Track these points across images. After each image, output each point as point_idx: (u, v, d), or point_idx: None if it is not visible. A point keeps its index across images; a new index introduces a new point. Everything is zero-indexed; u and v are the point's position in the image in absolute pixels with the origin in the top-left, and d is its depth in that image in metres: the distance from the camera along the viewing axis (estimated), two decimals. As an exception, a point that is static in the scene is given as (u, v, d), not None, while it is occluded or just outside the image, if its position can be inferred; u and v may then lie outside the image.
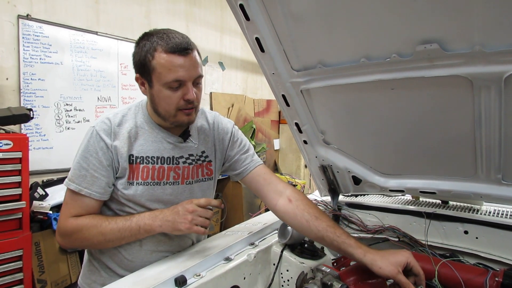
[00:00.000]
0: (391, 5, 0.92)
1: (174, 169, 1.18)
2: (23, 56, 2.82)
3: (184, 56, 1.05)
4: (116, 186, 1.12)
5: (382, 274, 0.95)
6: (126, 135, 1.12)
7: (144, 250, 1.17)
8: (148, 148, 1.14)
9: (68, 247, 1.29)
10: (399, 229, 1.40)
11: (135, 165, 1.12)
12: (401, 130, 1.26)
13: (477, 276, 0.95)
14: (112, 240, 1.09)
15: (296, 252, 1.27)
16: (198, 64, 1.09)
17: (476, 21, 0.86)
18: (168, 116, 1.11)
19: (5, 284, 2.07)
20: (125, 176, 1.11)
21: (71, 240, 1.12)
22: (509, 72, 0.92)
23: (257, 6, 1.07)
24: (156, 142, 1.16)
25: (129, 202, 1.14)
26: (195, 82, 1.10)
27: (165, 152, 1.17)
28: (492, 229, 1.28)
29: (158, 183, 1.15)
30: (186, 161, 1.20)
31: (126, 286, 0.96)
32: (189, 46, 1.08)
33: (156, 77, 1.06)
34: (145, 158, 1.13)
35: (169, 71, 1.04)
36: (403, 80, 1.07)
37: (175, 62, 1.04)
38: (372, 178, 1.46)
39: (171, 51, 1.04)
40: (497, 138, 1.09)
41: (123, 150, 1.10)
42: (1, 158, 2.02)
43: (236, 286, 1.13)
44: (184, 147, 1.20)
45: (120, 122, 1.14)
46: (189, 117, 1.12)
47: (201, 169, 1.25)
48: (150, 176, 1.14)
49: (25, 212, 2.15)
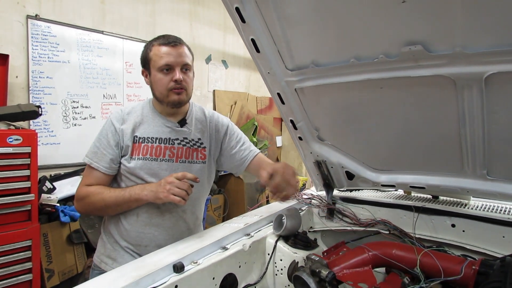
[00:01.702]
0: (378, 8, 0.98)
1: (170, 148, 1.41)
2: (31, 55, 2.91)
3: (172, 47, 1.35)
4: (122, 162, 1.38)
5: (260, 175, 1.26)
6: (133, 121, 1.40)
7: (140, 221, 1.39)
8: (149, 131, 1.40)
9: (82, 212, 1.59)
10: (390, 222, 1.46)
11: (138, 144, 1.38)
12: (391, 127, 1.32)
13: (456, 264, 1.01)
14: (110, 207, 1.34)
15: (290, 243, 1.33)
16: (185, 55, 1.38)
17: (457, 24, 0.92)
18: (163, 97, 1.38)
19: (15, 272, 2.16)
20: (128, 153, 1.37)
21: (82, 204, 1.38)
22: (489, 72, 0.97)
23: (252, 9, 1.13)
24: (157, 126, 1.42)
25: (132, 176, 1.38)
26: (183, 69, 1.37)
27: (163, 134, 1.41)
28: (478, 222, 1.33)
29: (155, 159, 1.39)
30: (181, 142, 1.43)
31: (128, 271, 1.02)
32: (178, 41, 1.38)
33: (152, 65, 1.37)
34: (146, 138, 1.39)
35: (161, 58, 1.34)
36: (391, 79, 1.13)
37: (165, 51, 1.34)
38: (365, 173, 1.52)
39: (162, 44, 1.36)
40: (481, 135, 1.14)
41: (128, 131, 1.38)
42: (11, 153, 2.10)
43: (231, 273, 1.19)
44: (180, 131, 1.44)
45: (129, 112, 1.43)
46: (179, 96, 1.37)
47: (196, 152, 1.46)
48: (149, 152, 1.38)
49: (33, 205, 2.24)
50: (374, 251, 1.14)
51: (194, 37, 4.55)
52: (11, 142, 2.10)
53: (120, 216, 1.40)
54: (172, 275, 1.01)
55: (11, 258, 2.15)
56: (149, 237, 1.40)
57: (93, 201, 1.34)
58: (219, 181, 4.38)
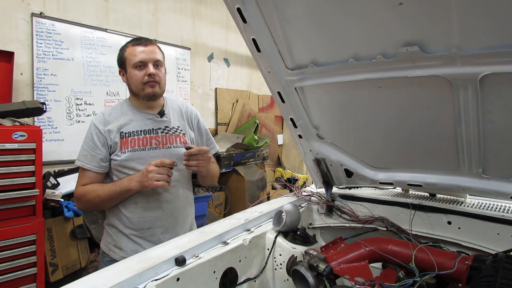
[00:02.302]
0: (375, 10, 1.01)
1: (155, 137, 1.56)
2: (36, 52, 2.95)
3: (144, 46, 1.52)
4: (112, 158, 1.51)
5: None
6: (115, 121, 1.53)
7: (139, 207, 1.52)
8: (133, 125, 1.54)
9: (83, 209, 1.68)
10: (388, 219, 1.48)
11: (125, 139, 1.52)
12: (389, 126, 1.35)
13: (450, 259, 1.04)
14: (105, 201, 1.48)
15: (289, 238, 1.36)
16: (156, 52, 1.54)
17: (452, 26, 0.94)
18: (138, 91, 1.53)
19: (20, 266, 2.20)
20: (117, 149, 1.50)
21: (81, 203, 1.52)
22: (483, 73, 1.00)
23: (253, 10, 1.16)
24: (139, 120, 1.56)
25: (123, 168, 1.51)
26: (155, 65, 1.52)
27: (146, 126, 1.56)
28: (474, 220, 1.36)
29: (143, 149, 1.53)
30: (164, 131, 1.59)
31: (132, 263, 1.05)
32: (149, 41, 1.55)
33: (127, 63, 1.53)
34: (132, 132, 1.53)
35: (134, 56, 1.50)
36: (388, 79, 1.16)
37: (136, 50, 1.51)
38: (363, 171, 1.55)
39: (135, 44, 1.53)
40: (476, 134, 1.17)
41: (114, 130, 1.51)
42: (16, 149, 2.14)
43: (232, 267, 1.22)
44: (160, 121, 1.59)
45: (110, 113, 1.56)
46: (153, 89, 1.52)
47: (178, 138, 1.62)
48: (137, 144, 1.52)
49: (38, 200, 2.28)
50: (370, 247, 1.18)
51: (196, 36, 4.58)
52: (16, 138, 2.13)
53: (119, 207, 1.53)
54: (174, 268, 1.04)
55: (16, 252, 2.19)
56: (151, 220, 1.54)
57: (90, 198, 1.48)
58: (220, 179, 4.41)
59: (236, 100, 5.15)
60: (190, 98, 4.55)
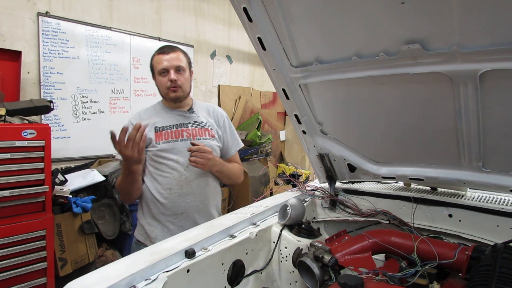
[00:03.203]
0: (378, 9, 1.04)
1: (186, 130, 1.74)
2: (42, 51, 2.99)
3: (166, 54, 1.69)
4: (148, 149, 1.69)
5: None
6: (150, 118, 1.72)
7: (173, 193, 1.68)
8: (166, 121, 1.74)
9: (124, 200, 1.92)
10: (390, 212, 1.52)
11: (159, 132, 1.71)
12: (391, 121, 1.38)
13: (450, 250, 1.07)
14: (122, 187, 1.68)
15: (294, 231, 1.40)
16: (178, 59, 1.70)
17: (453, 25, 0.97)
18: (164, 94, 1.74)
19: (30, 260, 2.25)
20: (152, 141, 1.69)
21: (119, 193, 1.83)
22: (483, 70, 1.03)
23: (258, 9, 1.19)
24: (171, 117, 1.76)
25: (158, 158, 1.69)
26: (178, 70, 1.69)
27: (177, 121, 1.75)
28: (474, 212, 1.39)
29: (176, 140, 1.71)
30: (193, 124, 1.77)
31: (145, 256, 1.08)
32: (171, 49, 1.71)
33: (155, 71, 1.73)
34: (165, 126, 1.73)
35: (159, 64, 1.70)
36: (391, 76, 1.19)
37: (160, 58, 1.69)
38: (366, 165, 1.58)
39: (159, 53, 1.72)
40: (476, 129, 1.20)
41: (150, 126, 1.67)
42: (26, 146, 2.18)
43: (239, 259, 1.26)
44: (190, 116, 1.78)
45: (144, 112, 1.80)
46: (175, 93, 1.70)
47: (207, 132, 1.79)
48: (170, 136, 1.71)
49: (47, 196, 2.32)
50: (374, 239, 1.21)
51: (199, 33, 4.60)
52: (25, 135, 2.17)
53: (154, 194, 1.69)
54: (184, 260, 1.07)
55: (26, 247, 2.24)
56: (184, 205, 1.69)
57: (118, 186, 1.75)
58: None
59: (238, 96, 5.18)
60: (193, 95, 4.58)
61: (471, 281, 0.92)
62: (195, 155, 1.61)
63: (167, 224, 1.69)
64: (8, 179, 2.11)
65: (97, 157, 3.40)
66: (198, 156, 1.61)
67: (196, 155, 1.61)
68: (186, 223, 1.66)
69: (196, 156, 1.61)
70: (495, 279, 0.87)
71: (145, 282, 0.95)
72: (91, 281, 0.92)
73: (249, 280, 1.28)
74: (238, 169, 1.90)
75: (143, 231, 1.74)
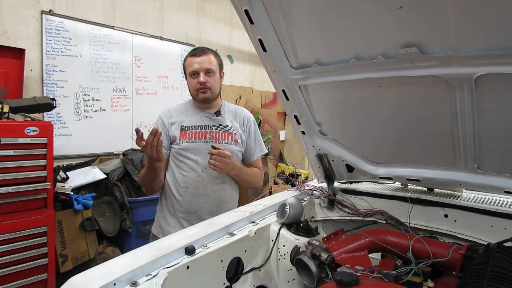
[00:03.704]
0: (377, 13, 1.06)
1: (210, 132, 1.80)
2: (45, 49, 3.02)
3: (197, 57, 1.76)
4: (172, 146, 1.79)
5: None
6: (178, 116, 1.82)
7: (188, 192, 1.75)
8: (193, 121, 1.81)
9: (146, 192, 1.90)
10: (387, 212, 1.54)
11: (184, 131, 1.78)
12: (388, 123, 1.40)
13: (445, 249, 1.10)
14: (145, 179, 1.75)
15: (292, 230, 1.42)
16: (208, 62, 1.76)
17: (449, 29, 1.00)
18: (194, 95, 1.81)
19: (32, 256, 2.28)
20: (177, 139, 1.78)
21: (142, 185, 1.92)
22: (478, 74, 1.05)
23: (260, 11, 1.21)
24: (198, 117, 1.82)
25: (180, 156, 1.77)
26: (207, 72, 1.75)
27: (203, 122, 1.81)
28: (469, 213, 1.41)
29: (198, 141, 1.77)
30: (218, 127, 1.82)
31: (146, 252, 1.10)
32: (202, 52, 1.77)
33: (186, 72, 1.82)
34: (191, 126, 1.80)
35: (189, 66, 1.77)
36: (388, 78, 1.21)
37: (192, 61, 1.77)
38: (364, 166, 1.61)
39: (190, 55, 1.79)
40: (472, 131, 1.22)
41: (176, 123, 1.80)
42: (28, 143, 2.21)
43: (238, 257, 1.28)
44: (216, 119, 1.83)
45: (175, 109, 1.88)
46: (204, 95, 1.77)
47: (230, 136, 1.83)
48: (193, 136, 1.78)
49: (49, 193, 2.35)
50: (370, 237, 1.24)
51: (200, 33, 4.62)
52: (28, 133, 2.20)
53: (172, 191, 1.78)
54: (184, 257, 1.10)
55: (28, 243, 2.27)
56: (197, 205, 1.75)
57: (141, 181, 1.83)
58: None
59: (239, 96, 5.20)
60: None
61: (464, 279, 0.95)
62: (214, 158, 1.65)
63: (181, 220, 1.76)
64: (11, 175, 2.14)
65: (98, 154, 3.43)
66: (217, 160, 1.65)
67: (216, 159, 1.65)
68: (197, 222, 1.64)
69: (215, 159, 1.65)
70: (487, 277, 0.89)
71: (146, 277, 0.97)
72: (93, 276, 0.93)
73: (247, 277, 1.30)
74: (258, 174, 1.94)
75: (158, 225, 1.83)
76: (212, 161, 1.65)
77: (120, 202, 3.02)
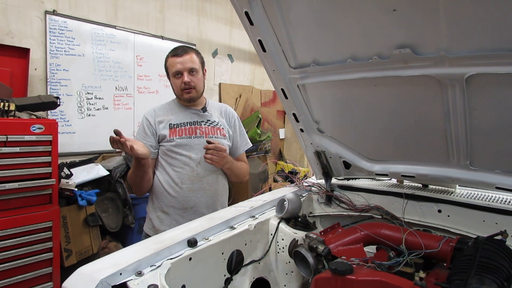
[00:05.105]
0: (372, 15, 1.10)
1: (199, 128, 1.81)
2: (49, 48, 3.06)
3: (179, 56, 1.73)
4: (162, 144, 1.77)
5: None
6: (164, 115, 1.80)
7: (184, 188, 1.75)
8: (181, 118, 1.81)
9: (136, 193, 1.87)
10: (383, 208, 1.59)
11: (173, 129, 1.77)
12: (384, 121, 1.45)
13: (436, 241, 1.14)
14: (134, 178, 1.72)
15: (291, 224, 1.47)
16: (191, 61, 1.74)
17: (441, 31, 1.04)
18: (179, 95, 1.81)
19: (37, 251, 2.32)
20: (166, 137, 1.76)
21: (131, 186, 1.82)
22: (469, 74, 1.09)
23: (259, 13, 1.26)
24: (185, 114, 1.83)
25: (171, 153, 1.76)
26: (190, 72, 1.74)
27: (191, 119, 1.82)
28: (462, 208, 1.46)
29: (189, 137, 1.78)
30: (206, 123, 1.84)
31: (150, 244, 1.14)
32: (184, 51, 1.74)
33: (169, 73, 1.79)
34: (180, 123, 1.79)
35: (172, 66, 1.75)
36: (383, 78, 1.25)
37: (174, 61, 1.74)
38: (360, 163, 1.65)
39: (172, 55, 1.76)
40: (464, 129, 1.27)
41: (164, 122, 1.78)
42: (34, 141, 2.25)
43: (238, 250, 1.33)
44: (203, 115, 1.85)
45: (159, 109, 1.85)
46: (189, 95, 1.77)
47: (219, 131, 1.86)
48: (183, 133, 1.78)
49: (54, 189, 2.39)
50: (365, 231, 1.29)
51: (201, 32, 4.66)
52: (34, 130, 2.24)
53: (166, 188, 1.77)
54: (186, 249, 1.14)
55: (33, 238, 2.31)
56: (194, 200, 1.77)
57: (130, 181, 1.80)
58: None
59: (239, 95, 5.24)
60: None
61: (453, 269, 0.99)
62: (211, 153, 1.67)
63: (176, 217, 1.76)
64: (17, 172, 2.18)
65: (101, 152, 3.47)
66: (214, 154, 1.68)
67: (213, 153, 1.67)
68: (194, 217, 1.64)
69: (212, 154, 1.67)
70: (474, 267, 0.94)
71: (151, 268, 1.01)
72: (100, 266, 0.98)
73: (247, 269, 1.35)
74: (246, 168, 1.98)
75: (151, 225, 1.81)
76: (209, 155, 1.67)
77: (122, 198, 3.07)
